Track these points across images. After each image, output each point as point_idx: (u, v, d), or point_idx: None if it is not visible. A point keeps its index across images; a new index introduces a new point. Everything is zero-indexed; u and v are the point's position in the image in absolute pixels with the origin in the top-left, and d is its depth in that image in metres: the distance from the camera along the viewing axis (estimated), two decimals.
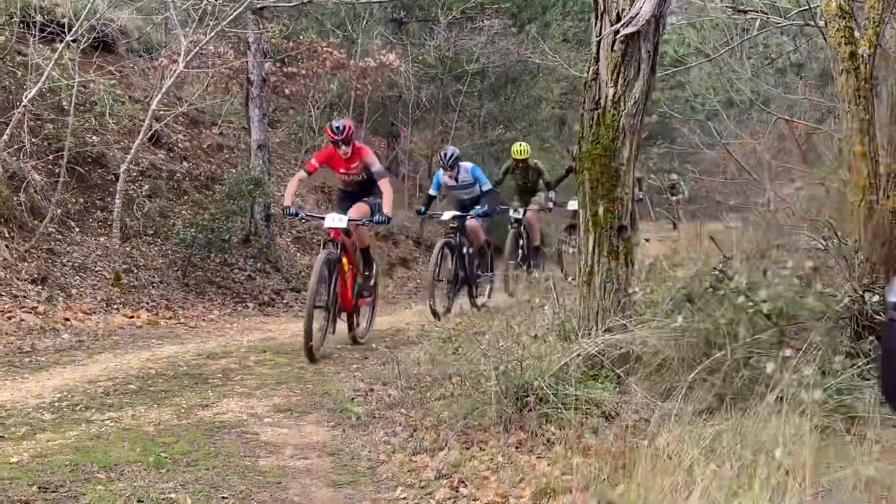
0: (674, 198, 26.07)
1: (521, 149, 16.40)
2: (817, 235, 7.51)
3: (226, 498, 5.58)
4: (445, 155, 14.21)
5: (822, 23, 7.90)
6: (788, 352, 6.17)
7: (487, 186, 14.26)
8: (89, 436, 6.77)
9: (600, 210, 7.08)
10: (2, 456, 6.20)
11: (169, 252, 15.07)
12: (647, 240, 10.33)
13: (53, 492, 5.50)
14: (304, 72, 17.99)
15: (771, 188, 9.09)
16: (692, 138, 21.47)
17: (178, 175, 16.94)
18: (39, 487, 5.55)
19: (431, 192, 14.67)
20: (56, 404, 7.71)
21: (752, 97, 15.41)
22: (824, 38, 7.57)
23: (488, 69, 24.70)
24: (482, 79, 25.33)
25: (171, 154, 17.50)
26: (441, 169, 14.30)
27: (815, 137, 14.01)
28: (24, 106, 12.67)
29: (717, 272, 7.33)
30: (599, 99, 7.11)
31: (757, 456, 5.14)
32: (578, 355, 6.76)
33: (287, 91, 17.35)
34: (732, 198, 14.54)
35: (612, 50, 7.04)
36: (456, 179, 14.17)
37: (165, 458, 6.25)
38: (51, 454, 6.25)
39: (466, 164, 14.49)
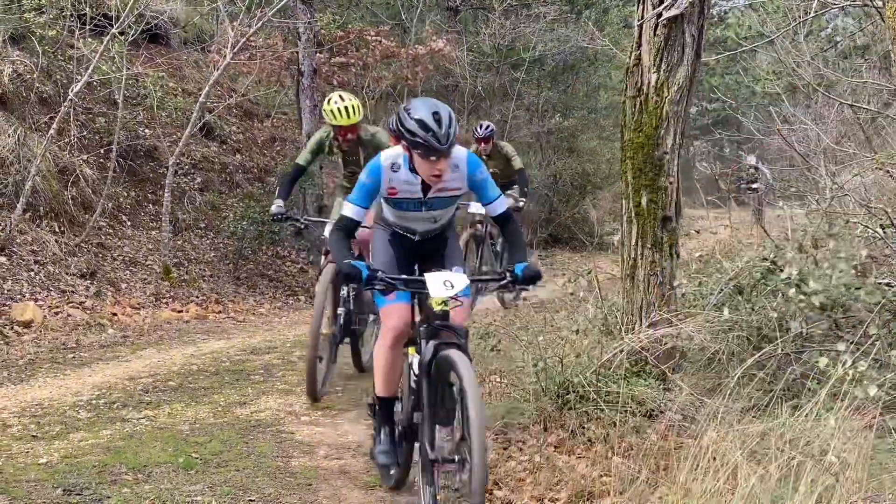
0: (753, 185, 23.96)
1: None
2: (874, 224, 7.21)
3: (252, 501, 5.48)
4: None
5: (879, 2, 7.58)
6: (842, 345, 5.92)
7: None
8: (122, 435, 6.72)
9: (643, 200, 6.86)
10: (32, 456, 6.16)
11: (220, 245, 15.10)
12: (697, 231, 10.07)
13: (78, 494, 5.43)
14: (353, 61, 17.88)
15: (827, 175, 8.77)
16: (754, 125, 21.04)
17: (231, 168, 16.98)
18: (64, 490, 5.49)
19: None
20: (93, 402, 7.68)
21: (815, 81, 15.01)
22: (882, 19, 7.25)
23: (546, 56, 24.43)
24: (540, 67, 25.04)
25: (224, 147, 17.55)
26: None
27: (880, 122, 13.60)
28: (71, 100, 12.70)
29: (767, 263, 7.08)
30: (642, 85, 6.90)
31: (805, 457, 4.92)
32: (622, 351, 6.56)
33: (335, 82, 17.24)
34: (794, 185, 14.18)
35: (654, 34, 6.81)
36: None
37: (196, 458, 6.17)
38: (81, 455, 6.20)
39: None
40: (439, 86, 22.94)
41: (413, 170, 5.19)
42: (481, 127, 12.79)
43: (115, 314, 11.63)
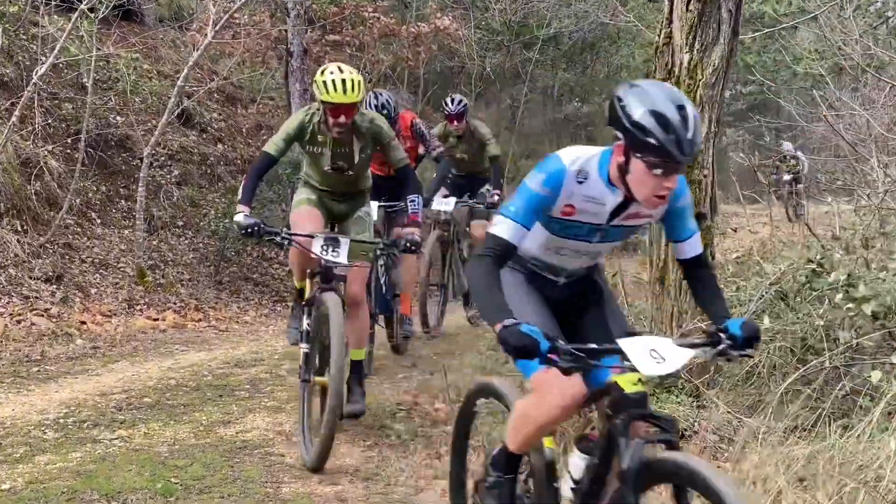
0: (787, 177, 22.33)
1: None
2: None
3: None
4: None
5: None
6: None
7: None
8: (94, 458, 6.71)
9: None
10: None
11: (200, 245, 15.09)
12: (734, 229, 10.04)
13: None
14: (348, 40, 17.87)
15: (879, 166, 8.75)
16: (796, 110, 20.97)
17: (212, 159, 16.97)
18: None
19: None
20: (61, 421, 7.67)
21: (864, 61, 14.97)
22: None
23: (562, 34, 24.44)
24: (555, 46, 25.07)
25: (205, 136, 17.54)
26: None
27: None
28: (35, 83, 12.69)
29: (813, 265, 7.07)
30: (673, 66, 6.89)
31: (858, 483, 4.90)
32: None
33: (328, 63, 17.23)
34: (841, 178, 14.15)
35: (686, 9, 6.81)
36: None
37: (175, 484, 6.16)
38: (48, 480, 6.19)
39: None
40: (444, 67, 22.99)
41: (611, 182, 4.18)
42: (452, 101, 11.59)
43: (83, 322, 11.62)
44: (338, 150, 7.34)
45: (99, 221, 14.15)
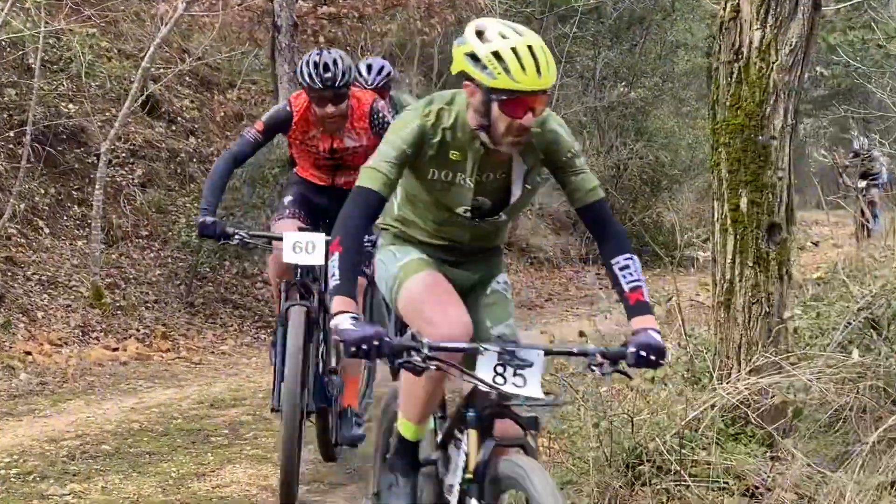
0: (861, 183, 21.74)
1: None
2: None
3: None
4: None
5: None
6: None
7: None
8: None
9: (742, 202, 6.85)
10: None
11: (168, 260, 15.13)
12: (815, 242, 10.03)
13: None
14: (346, 11, 17.90)
15: None
16: (889, 98, 20.91)
17: (183, 155, 17.02)
18: None
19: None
20: (2, 473, 7.70)
21: None
22: None
23: (605, 5, 24.48)
24: (597, 19, 25.10)
25: (174, 127, 17.60)
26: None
27: None
28: None
29: None
30: (741, 46, 6.88)
31: None
32: (713, 406, 6.54)
33: (323, 39, 17.26)
34: None
35: None
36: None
37: None
38: None
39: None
40: None
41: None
42: (370, 68, 10.00)
43: (28, 353, 11.66)
44: (487, 176, 4.98)
45: (47, 231, 14.20)
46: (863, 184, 21.01)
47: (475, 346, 4.38)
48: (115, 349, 12.56)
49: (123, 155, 15.85)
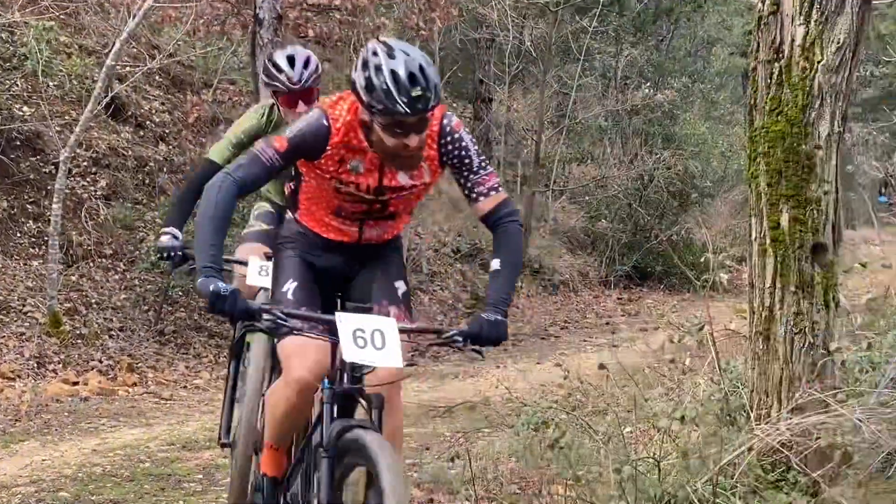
0: None
1: None
2: None
3: None
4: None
5: None
6: None
7: None
8: None
9: (784, 219, 6.84)
10: None
11: (136, 283, 15.14)
12: (863, 264, 9.94)
13: None
14: (337, 3, 17.95)
15: None
16: None
17: (152, 164, 17.06)
18: None
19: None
20: None
21: None
22: None
23: None
24: (619, 11, 25.14)
25: (142, 132, 17.64)
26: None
27: None
28: None
29: None
30: (782, 44, 6.88)
31: None
32: (750, 449, 6.54)
33: (311, 34, 17.31)
34: None
35: None
36: None
37: None
38: None
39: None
40: (467, 40, 23.04)
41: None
42: (292, 61, 8.01)
43: None
44: None
45: None
46: None
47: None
48: (75, 383, 12.57)
49: (85, 164, 15.88)
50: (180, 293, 15.22)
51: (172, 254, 6.92)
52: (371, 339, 4.88)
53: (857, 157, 31.63)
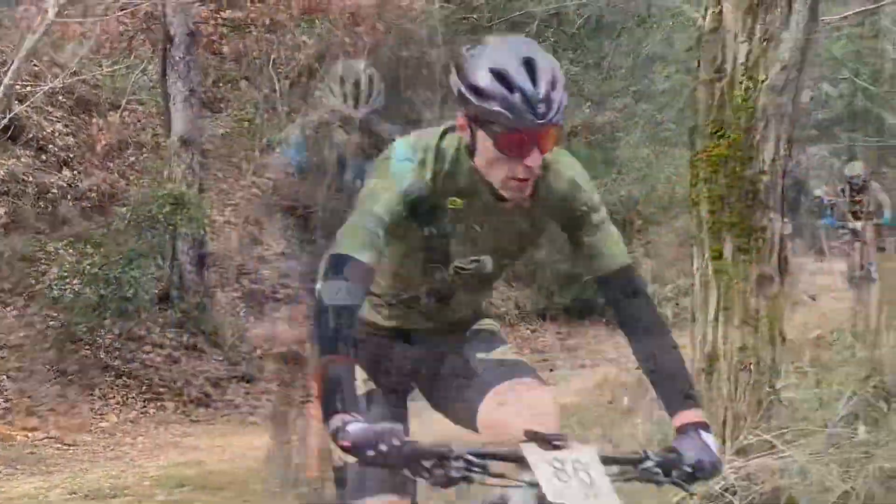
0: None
1: None
2: None
3: None
4: None
5: None
6: None
7: None
8: None
9: (727, 249, 6.92)
10: None
11: (35, 319, 15.04)
12: (812, 297, 10.11)
13: None
14: (254, 17, 17.98)
15: None
16: None
17: (55, 191, 16.96)
18: None
19: None
20: None
21: None
22: None
23: (567, 10, 24.65)
24: (558, 27, 25.26)
25: (44, 157, 17.53)
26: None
27: None
28: None
29: None
30: (724, 62, 6.97)
31: None
32: (693, 495, 6.58)
33: (226, 51, 17.34)
34: None
35: None
36: None
37: None
38: None
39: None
40: (394, 58, 23.08)
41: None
42: None
43: None
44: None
45: None
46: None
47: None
48: None
49: None
50: (84, 330, 15.11)
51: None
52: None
53: (810, 181, 31.85)
